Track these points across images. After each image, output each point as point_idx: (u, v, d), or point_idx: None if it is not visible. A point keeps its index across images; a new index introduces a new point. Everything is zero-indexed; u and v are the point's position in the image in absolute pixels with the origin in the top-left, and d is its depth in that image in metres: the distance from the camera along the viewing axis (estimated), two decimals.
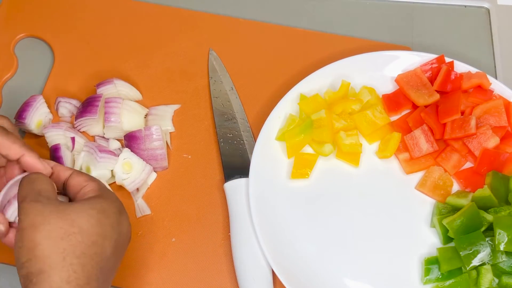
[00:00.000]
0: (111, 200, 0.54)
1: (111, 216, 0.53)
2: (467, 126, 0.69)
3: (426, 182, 0.69)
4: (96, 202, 0.53)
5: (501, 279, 0.62)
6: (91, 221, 0.51)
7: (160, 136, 0.71)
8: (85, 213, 0.51)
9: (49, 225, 0.49)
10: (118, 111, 0.72)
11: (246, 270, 0.64)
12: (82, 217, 0.51)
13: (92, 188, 0.55)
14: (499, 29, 0.84)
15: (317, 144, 0.71)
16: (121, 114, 0.72)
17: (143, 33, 0.82)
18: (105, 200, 0.53)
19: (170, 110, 0.76)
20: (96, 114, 0.71)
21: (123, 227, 0.54)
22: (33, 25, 0.83)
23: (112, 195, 0.55)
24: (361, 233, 0.67)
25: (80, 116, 0.72)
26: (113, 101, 0.72)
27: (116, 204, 0.55)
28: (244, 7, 0.86)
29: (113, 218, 0.53)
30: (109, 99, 0.72)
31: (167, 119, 0.75)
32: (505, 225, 0.62)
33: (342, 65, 0.75)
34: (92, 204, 0.52)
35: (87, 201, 0.53)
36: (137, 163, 0.69)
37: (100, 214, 0.52)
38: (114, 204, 0.54)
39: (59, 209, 0.51)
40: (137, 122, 0.73)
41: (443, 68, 0.73)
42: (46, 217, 0.50)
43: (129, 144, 0.71)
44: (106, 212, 0.52)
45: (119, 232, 0.53)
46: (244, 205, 0.67)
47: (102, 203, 0.53)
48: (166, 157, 0.72)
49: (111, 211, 0.53)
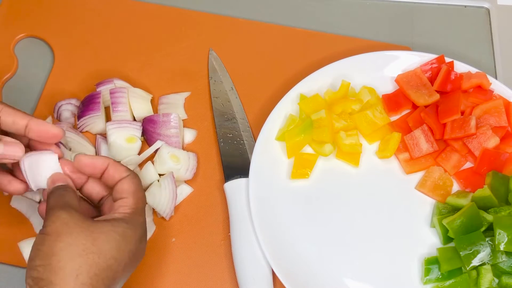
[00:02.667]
0: (136, 226, 0.54)
1: (132, 243, 0.53)
2: (467, 126, 0.69)
3: (426, 182, 0.69)
4: (120, 226, 0.52)
5: (501, 279, 0.62)
6: (111, 244, 0.51)
7: (177, 124, 0.71)
8: (107, 235, 0.51)
9: (71, 237, 0.50)
10: (125, 100, 0.72)
11: (246, 270, 0.64)
12: (104, 239, 0.51)
13: (127, 205, 0.55)
14: (499, 29, 0.84)
15: (317, 144, 0.71)
16: (129, 102, 0.72)
17: (143, 33, 0.82)
18: (130, 226, 0.53)
19: (181, 98, 0.76)
20: (99, 111, 0.71)
21: (139, 254, 0.55)
22: (33, 25, 0.83)
23: (139, 219, 0.55)
24: (361, 233, 0.67)
25: (83, 115, 0.72)
26: (118, 91, 0.73)
27: (140, 231, 0.54)
28: (244, 7, 0.86)
29: (133, 245, 0.53)
30: (114, 89, 0.73)
31: (179, 107, 0.76)
32: (505, 225, 0.62)
33: (342, 65, 0.75)
34: (116, 227, 0.52)
35: (112, 223, 0.52)
36: (180, 153, 0.70)
37: (121, 238, 0.52)
38: (138, 231, 0.54)
39: (84, 224, 0.51)
40: (146, 108, 0.74)
41: (443, 68, 0.73)
42: (70, 228, 0.50)
43: (146, 128, 0.71)
44: (127, 238, 0.52)
45: (135, 259, 0.54)
46: (244, 205, 0.67)
47: (126, 228, 0.53)
48: (181, 146, 0.72)
49: (133, 238, 0.53)
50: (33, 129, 0.56)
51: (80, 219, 0.52)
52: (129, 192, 0.55)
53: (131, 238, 0.53)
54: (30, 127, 0.56)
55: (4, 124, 0.56)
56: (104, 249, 0.50)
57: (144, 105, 0.74)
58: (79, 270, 0.49)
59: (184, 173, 0.70)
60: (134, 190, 0.56)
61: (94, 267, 0.49)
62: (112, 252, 0.51)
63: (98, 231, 0.51)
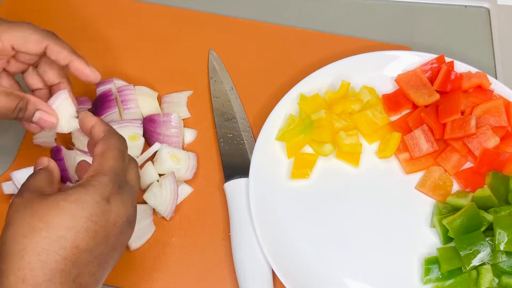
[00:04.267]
0: (96, 188, 0.50)
1: (89, 206, 0.49)
2: (467, 126, 0.69)
3: (426, 182, 0.69)
4: (74, 193, 0.49)
5: (501, 279, 0.62)
6: (61, 216, 0.48)
7: (178, 124, 0.71)
8: (58, 207, 0.49)
9: (18, 221, 0.48)
10: (133, 97, 0.72)
11: (246, 270, 0.64)
12: (54, 212, 0.48)
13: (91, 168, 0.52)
14: (499, 29, 0.84)
15: (317, 144, 0.71)
16: (137, 100, 0.73)
17: (143, 33, 0.82)
18: (87, 189, 0.50)
19: (183, 97, 0.76)
20: (116, 107, 0.72)
21: (112, 216, 0.50)
22: None
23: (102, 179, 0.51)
24: (361, 233, 0.67)
25: (100, 114, 0.72)
26: (125, 89, 0.73)
27: (101, 193, 0.50)
28: (244, 7, 0.86)
29: (92, 208, 0.49)
30: (120, 88, 0.73)
31: (182, 106, 0.76)
32: (505, 225, 0.62)
33: (342, 65, 0.75)
34: (68, 196, 0.49)
35: (66, 192, 0.50)
36: (180, 153, 0.70)
37: (74, 205, 0.49)
38: (97, 193, 0.50)
39: (34, 203, 0.49)
40: (153, 105, 0.74)
41: (443, 68, 0.73)
42: (19, 213, 0.49)
43: (146, 127, 0.71)
44: (82, 202, 0.49)
45: (103, 223, 0.50)
46: (244, 205, 0.67)
47: (81, 193, 0.49)
48: (181, 146, 0.72)
49: (90, 201, 0.49)
50: (71, 69, 0.63)
51: (31, 200, 0.50)
52: (97, 154, 0.53)
53: (87, 201, 0.49)
54: (69, 66, 0.63)
55: (51, 59, 0.62)
56: (53, 222, 0.48)
57: (150, 103, 0.74)
58: (23, 251, 0.47)
59: (184, 173, 0.70)
60: (104, 151, 0.53)
61: (41, 243, 0.47)
62: (64, 222, 0.48)
63: (47, 206, 0.49)
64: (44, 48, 0.61)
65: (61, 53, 0.62)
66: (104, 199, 0.50)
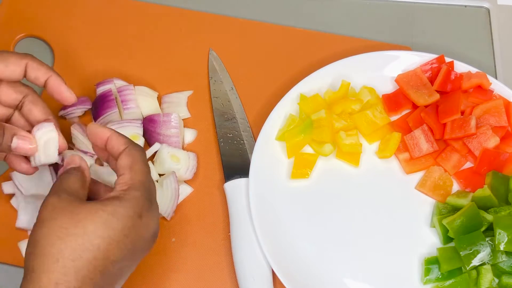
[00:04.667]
0: (130, 202, 0.52)
1: (124, 220, 0.51)
2: (467, 126, 0.69)
3: (426, 182, 0.69)
4: (111, 204, 0.51)
5: (501, 279, 0.62)
6: (97, 224, 0.49)
7: (178, 124, 0.71)
8: (94, 215, 0.50)
9: (54, 222, 0.49)
10: (134, 97, 0.72)
11: (246, 270, 0.64)
12: (90, 219, 0.49)
13: (123, 181, 0.53)
14: (499, 29, 0.84)
15: (317, 144, 0.71)
16: (137, 100, 0.73)
17: (143, 33, 0.82)
18: (123, 203, 0.51)
19: (183, 97, 0.76)
20: (116, 107, 0.72)
21: (142, 231, 0.52)
22: (33, 25, 0.83)
23: (135, 194, 0.52)
24: (361, 233, 0.67)
25: (101, 114, 0.72)
26: (125, 89, 0.73)
27: (136, 207, 0.52)
28: (244, 7, 0.86)
29: (126, 221, 0.51)
30: (120, 88, 0.73)
31: (182, 106, 0.76)
32: (505, 225, 0.62)
33: (342, 65, 0.75)
34: (105, 206, 0.51)
35: (103, 202, 0.51)
36: (180, 153, 0.70)
37: (111, 216, 0.50)
38: (132, 207, 0.52)
39: (70, 207, 0.50)
40: (153, 105, 0.74)
41: (443, 68, 0.73)
42: (55, 213, 0.50)
43: (146, 127, 0.71)
44: (118, 215, 0.50)
45: (133, 237, 0.51)
46: (244, 205, 0.67)
47: (117, 206, 0.51)
48: (181, 146, 0.72)
49: (124, 214, 0.51)
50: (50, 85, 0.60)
51: (69, 202, 0.50)
52: (125, 167, 0.54)
53: (122, 214, 0.50)
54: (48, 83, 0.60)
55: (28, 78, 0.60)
56: (88, 229, 0.49)
57: (150, 103, 0.74)
58: (59, 254, 0.48)
59: (184, 173, 0.70)
60: (131, 164, 0.54)
61: (78, 250, 0.48)
62: (98, 232, 0.49)
63: (85, 212, 0.50)
64: (24, 66, 0.59)
65: (40, 69, 0.60)
66: (136, 214, 0.52)
